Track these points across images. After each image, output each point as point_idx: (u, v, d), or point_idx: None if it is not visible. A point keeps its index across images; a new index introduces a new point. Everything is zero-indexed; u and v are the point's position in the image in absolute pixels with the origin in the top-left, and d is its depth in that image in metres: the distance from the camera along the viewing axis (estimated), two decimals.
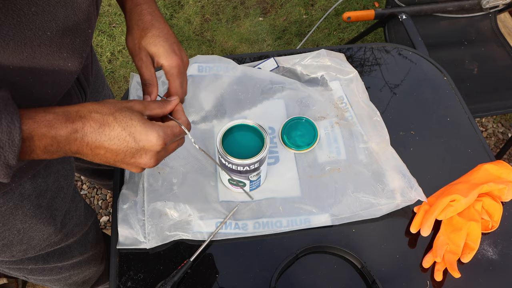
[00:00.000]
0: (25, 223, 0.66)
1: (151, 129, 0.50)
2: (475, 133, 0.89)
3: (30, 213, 0.65)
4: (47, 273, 0.83)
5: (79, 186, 1.68)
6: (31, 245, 0.71)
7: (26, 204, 0.64)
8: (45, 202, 0.67)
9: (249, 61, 0.98)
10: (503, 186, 0.75)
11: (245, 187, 0.76)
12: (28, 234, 0.68)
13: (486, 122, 1.89)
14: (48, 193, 0.67)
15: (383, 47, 1.04)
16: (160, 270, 0.70)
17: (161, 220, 0.73)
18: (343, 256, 0.73)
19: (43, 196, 0.66)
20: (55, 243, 0.76)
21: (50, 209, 0.69)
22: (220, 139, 0.71)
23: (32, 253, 0.73)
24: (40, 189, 0.65)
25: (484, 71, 1.52)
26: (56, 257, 0.80)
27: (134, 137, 0.49)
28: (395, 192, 0.76)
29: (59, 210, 0.72)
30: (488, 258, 0.74)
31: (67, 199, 0.73)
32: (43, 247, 0.73)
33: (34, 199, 0.65)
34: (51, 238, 0.73)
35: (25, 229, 0.67)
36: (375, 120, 0.85)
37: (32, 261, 0.76)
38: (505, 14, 1.68)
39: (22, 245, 0.69)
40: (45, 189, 0.66)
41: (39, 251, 0.74)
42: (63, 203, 0.72)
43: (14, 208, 0.63)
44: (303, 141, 0.83)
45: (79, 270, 0.91)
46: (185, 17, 2.16)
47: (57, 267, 0.83)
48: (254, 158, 0.69)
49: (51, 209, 0.69)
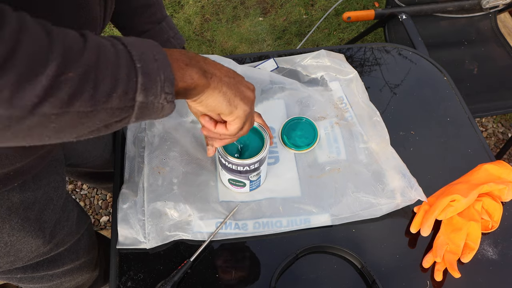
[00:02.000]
0: (12, 236, 0.64)
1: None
2: (475, 133, 0.89)
3: (17, 226, 0.64)
4: (37, 281, 0.81)
5: (79, 186, 1.68)
6: (19, 257, 0.69)
7: (14, 217, 0.62)
8: (33, 214, 0.65)
9: (249, 61, 0.98)
10: (503, 186, 0.75)
11: (245, 187, 0.76)
12: (15, 246, 0.66)
13: (486, 122, 1.89)
14: (37, 206, 0.66)
15: (383, 47, 1.04)
16: (160, 270, 0.70)
17: (161, 220, 0.73)
18: (343, 256, 0.73)
19: (31, 208, 0.65)
20: (44, 254, 0.74)
21: (38, 222, 0.67)
22: None
23: (20, 264, 0.71)
24: (28, 202, 0.63)
25: (484, 71, 1.52)
26: (46, 265, 0.78)
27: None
28: (395, 192, 0.76)
29: (48, 222, 0.70)
30: (488, 258, 0.74)
31: (57, 210, 0.71)
32: (31, 258, 0.72)
33: (22, 212, 0.63)
34: (39, 250, 0.72)
35: (12, 242, 0.65)
36: (375, 120, 0.85)
37: (21, 271, 0.74)
38: (505, 14, 1.68)
39: (9, 257, 0.68)
40: (33, 202, 0.64)
41: (27, 261, 0.72)
42: (52, 214, 0.70)
43: (1, 221, 0.61)
44: (303, 141, 0.83)
45: (70, 277, 0.89)
46: (185, 17, 2.16)
47: (48, 275, 0.81)
48: (254, 158, 0.69)
49: (39, 222, 0.67)
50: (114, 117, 0.40)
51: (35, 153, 0.57)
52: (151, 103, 0.41)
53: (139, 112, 0.41)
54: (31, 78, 0.32)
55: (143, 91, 0.40)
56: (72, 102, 0.35)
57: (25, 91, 0.32)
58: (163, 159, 0.80)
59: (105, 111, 0.38)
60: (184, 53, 0.48)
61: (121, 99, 0.39)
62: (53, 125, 0.36)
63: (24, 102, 0.33)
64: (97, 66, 0.37)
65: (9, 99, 0.32)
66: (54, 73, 0.33)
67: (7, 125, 0.34)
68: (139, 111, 0.41)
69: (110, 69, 0.38)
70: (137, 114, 0.41)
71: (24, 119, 0.34)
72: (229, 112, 0.53)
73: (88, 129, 0.39)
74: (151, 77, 0.40)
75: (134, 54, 0.40)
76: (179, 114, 0.86)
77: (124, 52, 0.39)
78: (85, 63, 0.36)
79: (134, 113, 0.41)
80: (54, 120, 0.35)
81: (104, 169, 1.01)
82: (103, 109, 0.38)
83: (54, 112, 0.35)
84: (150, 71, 0.40)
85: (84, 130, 0.39)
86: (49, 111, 0.34)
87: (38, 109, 0.34)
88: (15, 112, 0.33)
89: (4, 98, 0.32)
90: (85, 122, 0.38)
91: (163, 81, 0.41)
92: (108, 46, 0.39)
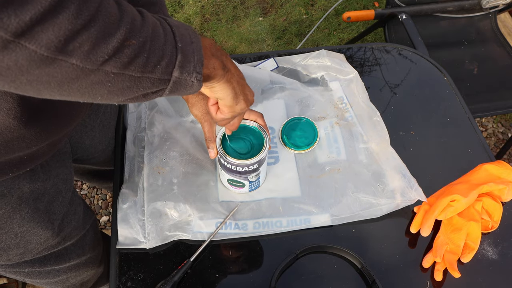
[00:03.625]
0: (22, 227, 0.66)
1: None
2: (475, 133, 0.89)
3: (28, 216, 0.65)
4: (44, 276, 0.82)
5: (79, 186, 1.68)
6: (28, 249, 0.70)
7: (24, 207, 0.64)
8: (42, 205, 0.67)
9: (249, 61, 0.98)
10: (503, 186, 0.75)
11: (244, 188, 0.76)
12: (25, 238, 0.67)
13: (486, 122, 1.89)
14: (46, 197, 0.67)
15: (383, 47, 1.04)
16: (160, 270, 0.70)
17: (161, 220, 0.73)
18: (343, 256, 0.73)
19: (41, 199, 0.66)
20: (52, 247, 0.75)
21: (48, 213, 0.69)
22: (219, 139, 0.71)
23: (29, 256, 0.73)
24: (38, 192, 0.65)
25: (484, 71, 1.52)
26: (53, 260, 0.80)
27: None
28: (395, 192, 0.76)
29: (57, 214, 0.71)
30: (488, 258, 0.74)
31: (65, 203, 0.73)
32: (39, 250, 0.73)
33: (32, 203, 0.65)
34: (48, 242, 0.73)
35: (22, 233, 0.66)
36: (375, 120, 0.85)
37: (29, 264, 0.76)
38: (505, 14, 1.68)
39: (19, 249, 0.69)
40: (42, 193, 0.66)
41: (36, 254, 0.74)
42: (61, 207, 0.72)
43: (12, 211, 0.62)
44: (303, 141, 0.83)
45: (76, 272, 0.90)
46: (185, 17, 2.16)
47: (54, 269, 0.83)
48: (254, 159, 0.69)
49: (49, 213, 0.69)
50: (154, 87, 0.45)
51: (49, 138, 0.59)
52: (184, 80, 0.46)
53: (173, 85, 0.46)
54: (106, 37, 0.37)
55: (179, 68, 0.45)
56: (129, 66, 0.40)
57: (100, 47, 0.37)
58: (163, 159, 0.80)
59: (148, 79, 0.43)
60: (213, 44, 0.54)
61: (163, 71, 0.44)
62: (109, 84, 0.41)
63: (97, 57, 0.37)
64: (152, 39, 0.42)
65: (88, 52, 0.36)
66: (123, 37, 0.38)
67: (78, 76, 0.38)
68: (173, 85, 0.46)
69: (160, 44, 0.43)
70: (171, 87, 0.46)
71: (91, 72, 0.38)
72: (230, 105, 0.59)
73: (131, 95, 0.44)
74: (187, 57, 0.46)
75: (177, 34, 0.45)
76: (179, 114, 0.86)
77: (170, 32, 0.45)
78: (144, 35, 0.41)
79: (169, 86, 0.46)
80: (111, 79, 0.40)
81: (106, 166, 1.01)
82: (148, 78, 0.43)
83: (115, 71, 0.39)
84: (187, 51, 0.46)
85: (128, 95, 0.44)
86: (110, 69, 0.39)
87: (104, 66, 0.38)
88: (87, 65, 0.37)
89: (84, 51, 0.36)
90: (131, 87, 0.43)
91: (196, 62, 0.47)
92: (158, 24, 0.44)
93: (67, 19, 0.33)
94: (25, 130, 0.53)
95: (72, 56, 0.35)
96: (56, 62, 0.35)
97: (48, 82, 0.37)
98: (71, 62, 0.36)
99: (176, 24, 0.47)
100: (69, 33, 0.34)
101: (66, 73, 0.36)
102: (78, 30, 0.34)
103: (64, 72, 0.36)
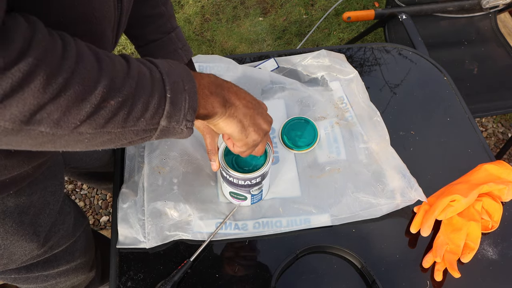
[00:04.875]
0: (6, 240, 0.64)
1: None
2: (475, 133, 0.89)
3: (11, 230, 0.64)
4: (32, 281, 0.80)
5: (79, 186, 1.68)
6: (12, 259, 0.69)
7: (8, 221, 0.62)
8: (28, 219, 0.65)
9: (249, 61, 0.98)
10: (503, 186, 0.75)
11: (246, 200, 0.75)
12: (9, 249, 0.66)
13: (486, 122, 1.89)
14: (32, 210, 0.66)
15: (383, 47, 1.04)
16: (160, 270, 0.70)
17: (161, 220, 0.73)
18: (343, 256, 0.73)
19: (26, 212, 0.65)
20: (38, 256, 0.74)
21: (33, 226, 0.67)
22: (222, 151, 0.69)
23: (13, 266, 0.71)
24: (23, 206, 0.64)
25: (484, 71, 1.52)
26: (40, 266, 0.78)
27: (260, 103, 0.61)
28: (395, 192, 0.76)
29: (44, 226, 0.70)
30: (488, 258, 0.74)
31: (53, 214, 0.71)
32: (24, 260, 0.72)
33: (17, 216, 0.63)
34: (33, 253, 0.71)
35: (6, 245, 0.65)
36: (375, 120, 0.85)
37: (14, 272, 0.74)
38: (505, 14, 1.68)
39: (2, 260, 0.67)
40: (28, 206, 0.64)
41: (21, 264, 0.72)
42: (48, 218, 0.70)
43: None
44: (303, 142, 0.83)
45: (65, 277, 0.88)
46: (185, 17, 2.16)
47: (42, 275, 0.81)
48: (256, 173, 0.67)
49: (34, 225, 0.67)
50: (138, 136, 0.44)
51: (34, 162, 0.58)
52: (172, 128, 0.46)
53: (161, 133, 0.46)
54: (79, 104, 0.37)
55: (167, 118, 0.44)
56: (106, 125, 0.40)
57: (72, 114, 0.37)
58: (163, 159, 0.80)
59: (132, 132, 0.43)
60: (213, 81, 0.52)
61: (148, 123, 0.43)
62: (86, 140, 0.41)
63: (69, 124, 0.37)
64: (134, 95, 0.41)
65: (57, 120, 0.36)
66: (98, 100, 0.38)
67: (50, 140, 0.38)
68: (160, 133, 0.46)
69: (144, 98, 0.42)
70: (158, 135, 0.46)
71: (64, 136, 0.38)
72: (239, 138, 0.58)
73: (114, 144, 0.44)
74: (176, 106, 0.45)
75: (167, 83, 0.44)
76: None
77: (159, 82, 0.44)
78: (125, 92, 0.40)
79: (156, 134, 0.46)
80: (87, 137, 0.40)
81: (103, 170, 1.01)
82: (131, 131, 0.43)
83: (90, 132, 0.40)
84: (177, 100, 0.44)
85: (110, 145, 0.44)
86: (85, 131, 0.39)
87: (77, 129, 0.38)
88: (58, 131, 0.37)
89: (53, 119, 0.36)
90: (112, 139, 0.43)
91: (186, 110, 0.46)
92: (147, 74, 0.43)
93: (32, 95, 0.33)
94: (5, 160, 0.52)
95: (41, 125, 0.36)
96: (23, 131, 0.35)
97: (19, 145, 0.38)
98: (39, 130, 0.36)
99: (168, 70, 0.45)
100: (35, 108, 0.34)
101: (36, 138, 0.37)
102: (45, 103, 0.34)
103: (34, 137, 0.37)
